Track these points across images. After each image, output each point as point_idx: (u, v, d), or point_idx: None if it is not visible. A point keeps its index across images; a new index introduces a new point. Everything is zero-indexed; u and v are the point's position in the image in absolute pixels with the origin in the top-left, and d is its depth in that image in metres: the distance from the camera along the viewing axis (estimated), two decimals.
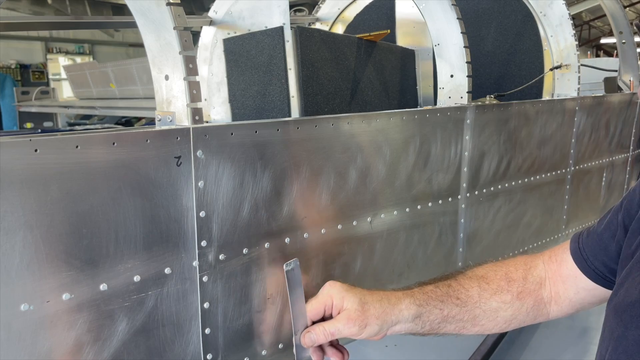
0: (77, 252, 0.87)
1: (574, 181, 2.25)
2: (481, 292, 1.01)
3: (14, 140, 0.79)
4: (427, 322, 0.98)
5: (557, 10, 2.26)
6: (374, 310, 0.94)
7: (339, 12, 2.56)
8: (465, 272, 1.05)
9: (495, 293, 1.02)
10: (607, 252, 0.94)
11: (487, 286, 1.02)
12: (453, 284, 1.02)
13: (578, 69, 2.27)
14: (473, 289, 1.01)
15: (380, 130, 1.36)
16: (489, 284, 1.02)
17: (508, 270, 1.05)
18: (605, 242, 0.94)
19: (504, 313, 1.02)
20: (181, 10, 1.01)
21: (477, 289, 1.01)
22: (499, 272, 1.05)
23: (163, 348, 1.01)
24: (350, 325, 0.93)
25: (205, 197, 1.01)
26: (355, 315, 0.93)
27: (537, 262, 1.07)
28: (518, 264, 1.07)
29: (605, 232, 0.95)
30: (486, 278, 1.03)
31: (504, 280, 1.03)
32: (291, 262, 0.92)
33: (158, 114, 1.07)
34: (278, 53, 1.55)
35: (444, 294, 1.00)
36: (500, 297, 1.01)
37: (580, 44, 2.43)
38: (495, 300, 1.01)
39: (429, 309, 0.98)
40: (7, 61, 13.95)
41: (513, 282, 1.03)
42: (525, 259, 1.08)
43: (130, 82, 5.62)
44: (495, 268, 1.06)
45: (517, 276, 1.04)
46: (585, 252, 0.98)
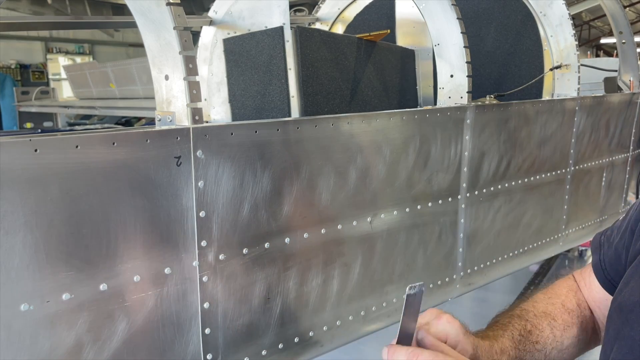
0: (77, 252, 0.87)
1: (574, 181, 2.25)
2: (553, 331, 0.97)
3: (14, 140, 0.79)
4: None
5: (557, 10, 2.26)
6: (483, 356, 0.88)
7: (339, 12, 2.56)
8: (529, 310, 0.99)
9: (564, 330, 0.98)
10: (620, 261, 0.92)
11: (555, 323, 0.98)
12: (529, 327, 0.96)
13: (578, 69, 2.27)
14: (546, 330, 0.96)
15: (380, 130, 1.36)
16: (555, 320, 0.98)
17: (563, 301, 1.01)
18: (619, 252, 0.93)
19: (573, 350, 0.98)
20: (181, 10, 1.01)
21: (549, 329, 0.97)
22: (556, 304, 1.00)
23: (163, 348, 1.01)
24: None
25: (205, 197, 1.01)
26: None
27: (575, 286, 1.03)
28: (566, 292, 1.02)
29: (620, 242, 0.93)
30: (550, 314, 0.99)
31: (565, 313, 0.99)
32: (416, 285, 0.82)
33: (158, 114, 1.07)
34: (278, 53, 1.55)
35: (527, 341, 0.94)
36: (569, 332, 0.98)
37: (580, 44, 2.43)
38: (566, 338, 0.97)
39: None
40: (7, 61, 13.94)
41: (572, 312, 0.99)
42: (568, 285, 1.04)
43: (130, 82, 5.61)
44: (552, 301, 1.01)
45: (572, 306, 1.00)
46: (604, 264, 0.96)
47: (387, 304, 1.48)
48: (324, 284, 1.28)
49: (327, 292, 1.29)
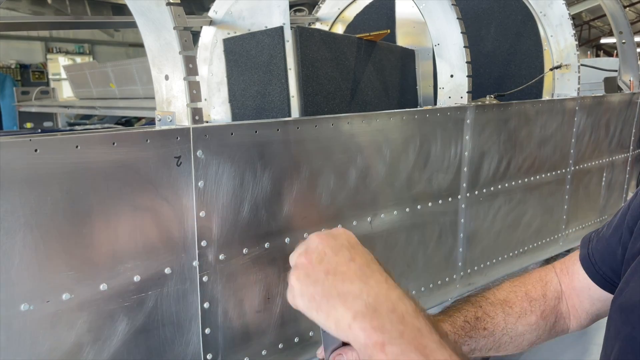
0: (77, 252, 0.87)
1: (574, 181, 2.25)
2: (506, 317, 0.98)
3: (14, 140, 0.79)
4: None
5: (557, 10, 2.26)
6: None
7: (339, 12, 2.56)
8: (487, 297, 1.01)
9: (520, 317, 0.98)
10: (615, 256, 0.92)
11: (511, 310, 0.99)
12: (479, 314, 0.98)
13: (578, 69, 2.27)
14: (498, 316, 0.98)
15: (380, 130, 1.36)
16: (512, 307, 0.99)
17: (527, 290, 1.02)
18: (613, 247, 0.93)
19: (529, 336, 0.99)
20: (181, 10, 1.01)
21: (502, 315, 0.98)
22: (519, 293, 1.02)
23: (163, 348, 1.01)
24: None
25: (205, 197, 1.01)
26: None
27: (550, 275, 1.04)
28: (535, 282, 1.04)
29: (612, 237, 0.93)
30: (508, 302, 1.00)
31: (526, 301, 1.00)
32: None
33: (158, 114, 1.07)
34: (278, 53, 1.55)
35: (472, 327, 0.96)
36: (525, 319, 0.99)
37: (580, 44, 2.42)
38: (521, 324, 0.98)
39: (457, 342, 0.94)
40: (7, 61, 13.94)
41: (534, 301, 1.00)
42: (540, 274, 1.05)
43: (130, 82, 5.61)
44: (515, 289, 1.02)
45: (536, 295, 1.01)
46: (594, 257, 0.96)
47: None
48: None
49: None
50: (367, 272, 0.69)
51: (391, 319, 0.64)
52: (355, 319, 0.64)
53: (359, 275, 0.68)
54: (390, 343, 0.62)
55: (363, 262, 0.71)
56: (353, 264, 0.70)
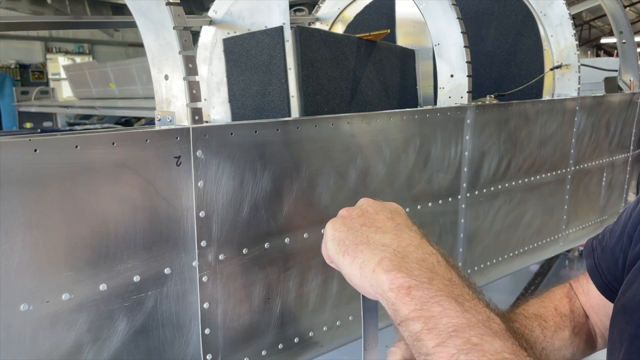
0: (77, 252, 0.87)
1: (574, 181, 2.25)
2: (544, 331, 0.96)
3: (13, 140, 0.79)
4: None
5: (557, 10, 2.26)
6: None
7: (339, 12, 2.56)
8: (519, 312, 0.99)
9: (555, 331, 0.97)
10: (617, 265, 0.92)
11: (546, 324, 0.97)
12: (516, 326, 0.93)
13: (578, 68, 2.27)
14: (536, 329, 0.96)
15: (380, 130, 1.36)
16: (546, 321, 0.97)
17: (556, 305, 1.00)
18: (616, 256, 0.92)
19: (566, 352, 0.97)
20: (181, 10, 1.01)
21: (539, 329, 0.96)
22: (549, 308, 1.00)
23: (163, 348, 1.01)
24: None
25: (205, 197, 1.01)
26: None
27: (572, 293, 1.03)
28: (561, 297, 1.02)
29: (616, 246, 0.93)
30: (541, 316, 0.98)
31: (557, 316, 0.98)
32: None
33: (158, 113, 1.07)
34: (278, 53, 1.55)
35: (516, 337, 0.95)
36: (560, 334, 0.97)
37: (580, 43, 2.43)
38: (557, 339, 0.96)
39: None
40: (7, 61, 13.94)
41: (565, 317, 0.99)
42: (562, 291, 1.04)
43: (130, 82, 5.62)
44: (544, 304, 1.01)
45: (565, 311, 1.00)
46: (601, 268, 0.96)
47: None
48: (324, 284, 1.28)
49: (327, 292, 1.29)
50: (404, 229, 0.66)
51: (420, 266, 0.59)
52: (380, 263, 0.59)
53: (394, 229, 0.65)
54: (418, 288, 0.56)
55: (402, 222, 0.68)
56: (391, 221, 0.67)
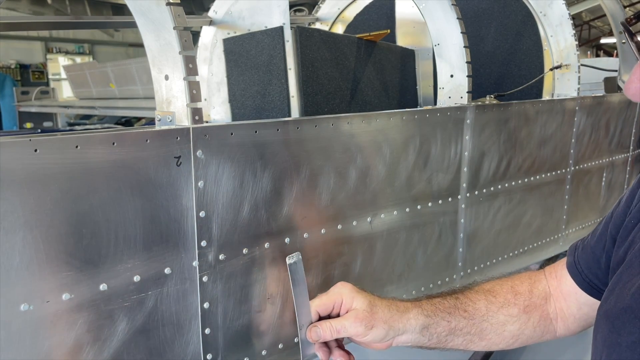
0: (77, 252, 0.87)
1: (574, 181, 2.25)
2: (488, 305, 1.00)
3: (14, 140, 0.79)
4: (435, 335, 0.97)
5: (557, 10, 2.26)
6: (382, 314, 0.93)
7: (339, 12, 2.56)
8: (471, 287, 1.05)
9: (502, 306, 1.01)
10: (600, 264, 0.94)
11: (494, 299, 1.01)
12: (460, 297, 1.01)
13: (578, 69, 2.27)
14: (480, 302, 1.01)
15: (380, 130, 1.36)
16: (495, 297, 1.02)
17: (513, 284, 1.04)
18: (597, 255, 0.94)
19: (511, 327, 1.01)
20: (181, 10, 1.01)
21: (484, 302, 1.01)
22: (505, 285, 1.04)
23: (163, 348, 1.01)
24: (357, 324, 0.92)
25: (205, 197, 1.01)
26: (363, 316, 0.92)
27: (540, 277, 1.06)
28: (523, 278, 1.06)
29: (597, 245, 0.95)
30: (492, 291, 1.03)
31: (510, 293, 1.03)
32: (293, 255, 0.92)
33: (158, 114, 1.07)
34: (278, 53, 1.55)
35: (451, 306, 0.99)
36: (507, 310, 1.01)
37: (580, 44, 2.42)
38: (503, 314, 1.00)
39: (436, 320, 0.97)
40: (7, 61, 13.95)
41: (519, 295, 1.02)
42: (529, 274, 1.08)
43: (130, 82, 5.62)
44: (501, 282, 1.05)
45: (522, 289, 1.03)
46: (580, 265, 0.98)
47: None
48: (324, 284, 1.28)
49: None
50: None
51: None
52: None
53: None
54: None
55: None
56: None
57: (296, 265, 0.93)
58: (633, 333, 0.70)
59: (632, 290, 0.74)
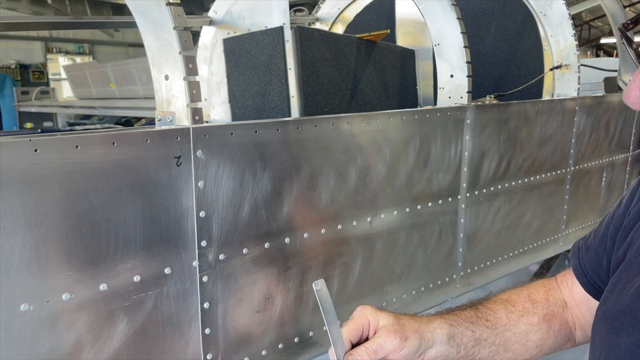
0: (77, 252, 0.87)
1: (574, 181, 2.25)
2: (508, 314, 1.00)
3: (14, 140, 0.79)
4: (462, 345, 0.95)
5: (557, 10, 2.26)
6: (410, 325, 0.91)
7: (339, 12, 2.56)
8: (488, 298, 1.04)
9: (522, 315, 1.00)
10: (602, 266, 0.94)
11: (514, 308, 1.00)
12: (479, 308, 1.00)
13: (578, 69, 2.27)
14: (500, 312, 1.00)
15: (380, 130, 1.36)
16: (514, 306, 1.01)
17: (530, 292, 1.04)
18: (600, 257, 0.94)
19: (534, 337, 1.00)
20: (181, 10, 1.01)
21: (504, 312, 1.00)
22: (521, 294, 1.03)
23: (163, 348, 1.01)
24: (391, 338, 0.89)
25: (205, 197, 1.01)
26: (394, 329, 0.90)
27: (553, 284, 1.06)
28: (538, 287, 1.05)
29: (599, 247, 0.95)
30: (510, 301, 1.02)
31: (528, 302, 1.02)
32: (318, 282, 0.88)
33: (158, 114, 1.07)
34: (278, 53, 1.55)
35: (472, 315, 0.98)
36: (528, 319, 1.00)
37: (580, 44, 2.42)
38: (524, 323, 0.99)
39: (461, 330, 0.95)
40: (7, 61, 13.95)
41: (537, 303, 1.02)
42: (543, 282, 1.07)
43: (130, 82, 5.62)
44: (517, 292, 1.04)
45: (539, 298, 1.03)
46: (585, 268, 0.98)
47: (387, 304, 1.48)
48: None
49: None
50: None
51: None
52: None
53: None
54: None
55: None
56: None
57: (322, 292, 0.89)
58: (632, 334, 0.70)
59: (631, 291, 0.73)
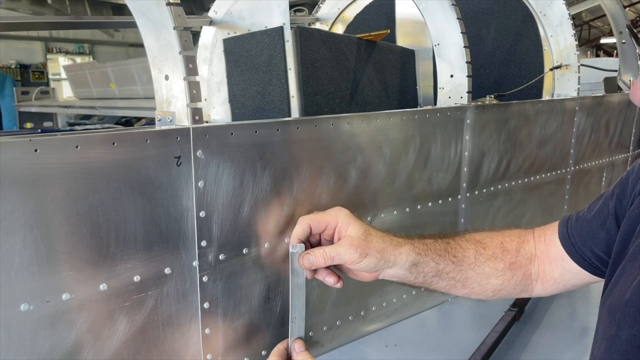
0: (77, 252, 0.87)
1: (574, 181, 2.25)
2: (477, 255, 1.03)
3: (14, 140, 0.79)
4: (422, 274, 0.99)
5: (557, 10, 2.26)
6: (376, 244, 0.94)
7: (339, 12, 2.57)
8: (463, 234, 1.07)
9: (489, 259, 1.03)
10: (595, 240, 0.95)
11: (483, 250, 1.04)
12: (451, 242, 1.03)
13: (578, 69, 2.27)
14: (469, 251, 1.03)
15: (380, 130, 1.36)
16: (485, 249, 1.04)
17: (503, 240, 1.07)
18: (594, 230, 0.95)
19: (495, 281, 1.03)
20: (181, 10, 1.01)
21: (474, 252, 1.03)
22: (495, 240, 1.07)
23: (163, 348, 1.01)
24: (351, 250, 0.92)
25: (205, 197, 1.01)
26: (358, 243, 0.92)
27: (528, 237, 1.09)
28: (513, 236, 1.09)
29: (594, 220, 0.96)
30: (483, 243, 1.05)
31: (499, 248, 1.05)
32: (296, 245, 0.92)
33: (158, 114, 1.07)
34: (278, 53, 1.55)
35: (442, 249, 1.01)
36: (494, 264, 1.03)
37: (580, 44, 2.42)
38: (489, 266, 1.03)
39: (426, 260, 0.99)
40: (7, 61, 13.96)
41: (507, 252, 1.05)
42: (519, 233, 1.10)
43: (130, 82, 5.62)
44: (492, 235, 1.08)
45: (511, 247, 1.06)
46: (573, 237, 0.99)
47: (387, 304, 1.48)
48: (324, 284, 1.28)
49: (327, 292, 1.29)
50: None
51: None
52: None
53: None
54: None
55: None
56: None
57: (296, 256, 0.93)
58: (633, 326, 0.70)
59: (633, 283, 0.74)
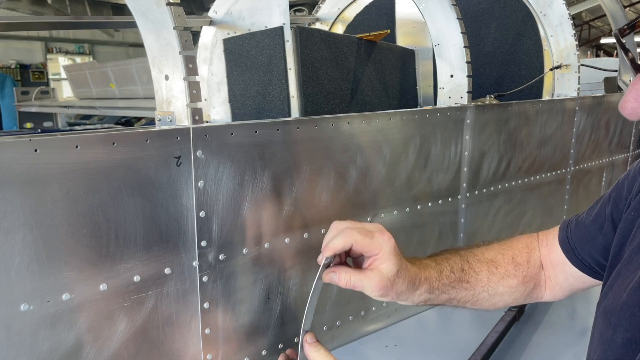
0: (77, 252, 0.87)
1: (574, 181, 2.25)
2: (490, 275, 1.03)
3: (14, 140, 0.79)
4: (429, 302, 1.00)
5: (557, 10, 2.26)
6: (398, 286, 0.93)
7: (339, 12, 2.56)
8: (475, 254, 1.06)
9: (502, 278, 1.03)
10: (594, 244, 0.95)
11: (496, 270, 1.04)
12: (465, 268, 1.02)
13: (578, 69, 2.27)
14: (482, 273, 1.03)
15: (380, 130, 1.36)
16: (497, 268, 1.04)
17: (514, 254, 1.07)
18: (592, 235, 0.95)
19: (507, 297, 1.04)
20: (181, 10, 1.01)
21: (487, 273, 1.03)
22: (506, 255, 1.06)
23: (163, 348, 1.01)
24: (376, 289, 0.91)
25: (205, 197, 1.01)
26: (384, 283, 0.91)
27: (534, 244, 1.09)
28: (522, 247, 1.08)
29: (592, 225, 0.96)
30: (495, 262, 1.05)
31: (511, 264, 1.05)
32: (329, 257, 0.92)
33: (158, 114, 1.07)
34: (278, 53, 1.55)
35: (457, 279, 1.00)
36: (507, 281, 1.03)
37: (580, 44, 2.42)
38: (502, 285, 1.03)
39: (437, 295, 0.99)
40: (7, 61, 13.95)
41: (519, 266, 1.05)
42: (526, 241, 1.10)
43: (130, 82, 5.63)
44: (503, 251, 1.07)
45: (522, 260, 1.06)
46: (573, 242, 1.00)
47: (387, 304, 1.48)
48: (324, 283, 1.28)
49: (327, 292, 1.29)
50: None
51: None
52: None
53: None
54: None
55: None
56: None
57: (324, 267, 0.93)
58: (629, 330, 0.70)
59: (629, 286, 0.74)
